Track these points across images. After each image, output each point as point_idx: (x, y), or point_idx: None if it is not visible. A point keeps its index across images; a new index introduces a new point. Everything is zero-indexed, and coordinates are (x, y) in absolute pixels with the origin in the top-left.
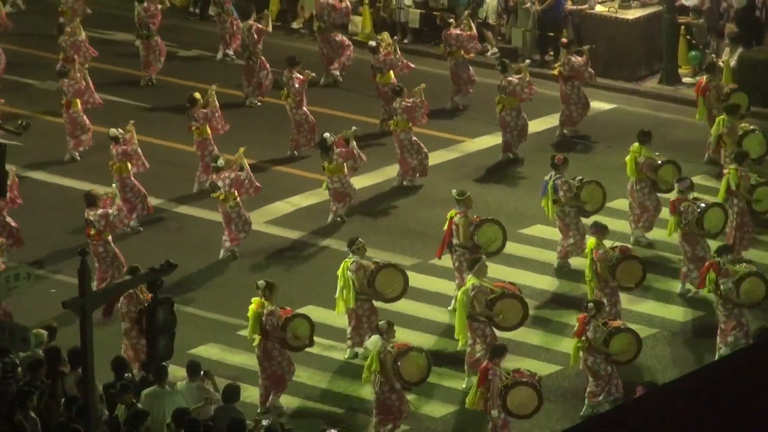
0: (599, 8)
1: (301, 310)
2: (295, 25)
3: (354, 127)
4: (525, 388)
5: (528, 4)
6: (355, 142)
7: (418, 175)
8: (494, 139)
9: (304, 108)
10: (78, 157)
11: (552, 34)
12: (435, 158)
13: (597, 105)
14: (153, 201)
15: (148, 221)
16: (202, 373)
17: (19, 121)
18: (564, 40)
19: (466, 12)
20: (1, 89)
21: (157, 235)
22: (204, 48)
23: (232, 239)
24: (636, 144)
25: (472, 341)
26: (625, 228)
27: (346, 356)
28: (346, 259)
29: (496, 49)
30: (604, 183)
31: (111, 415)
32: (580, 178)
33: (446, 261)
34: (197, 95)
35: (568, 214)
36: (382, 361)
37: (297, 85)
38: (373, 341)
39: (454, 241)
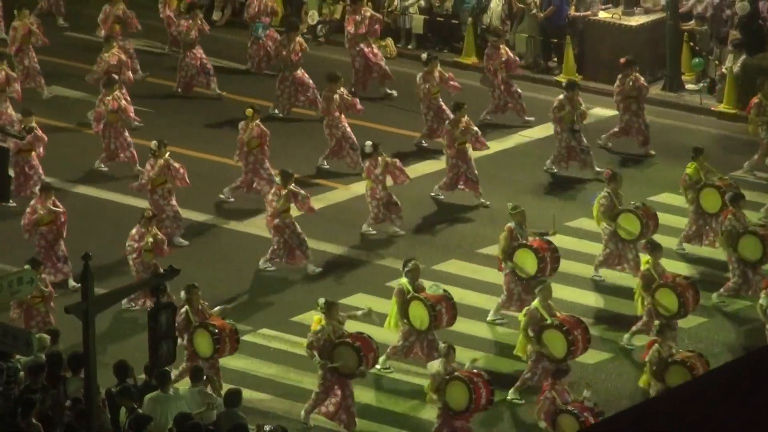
0: (603, 15)
1: (303, 315)
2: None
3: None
4: (570, 419)
5: (534, 10)
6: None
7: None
8: (496, 146)
9: (333, 128)
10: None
11: (555, 40)
12: (437, 164)
13: (600, 111)
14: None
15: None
16: (204, 378)
17: (22, 126)
18: (623, 60)
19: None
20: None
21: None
22: (207, 54)
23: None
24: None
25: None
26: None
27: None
28: (400, 279)
29: None
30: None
31: (113, 420)
32: (632, 203)
33: (447, 267)
34: (249, 111)
35: (604, 231)
36: (436, 387)
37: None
38: (433, 363)
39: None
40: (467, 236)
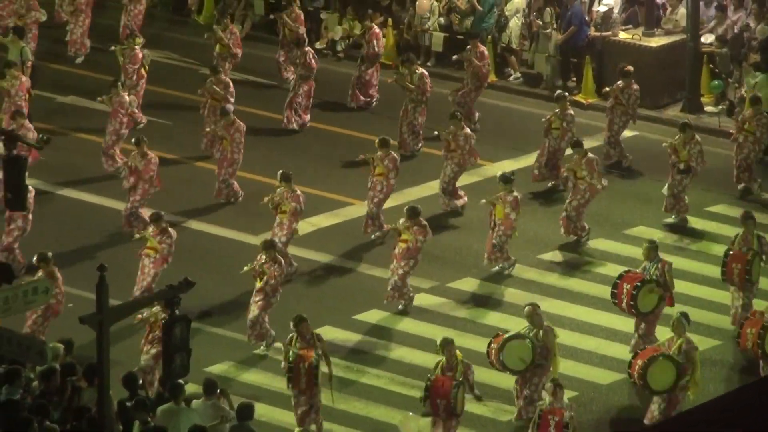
0: (623, 35)
1: (317, 331)
2: (318, 46)
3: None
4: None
5: (549, 30)
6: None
7: None
8: (514, 164)
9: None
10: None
11: (575, 60)
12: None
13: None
14: (171, 218)
15: None
16: (218, 391)
17: (40, 135)
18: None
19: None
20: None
21: (175, 252)
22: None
23: None
24: None
25: None
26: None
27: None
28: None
29: (518, 74)
30: (622, 210)
31: None
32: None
33: (462, 285)
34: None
35: None
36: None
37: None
38: (545, 399)
39: None
40: (482, 254)
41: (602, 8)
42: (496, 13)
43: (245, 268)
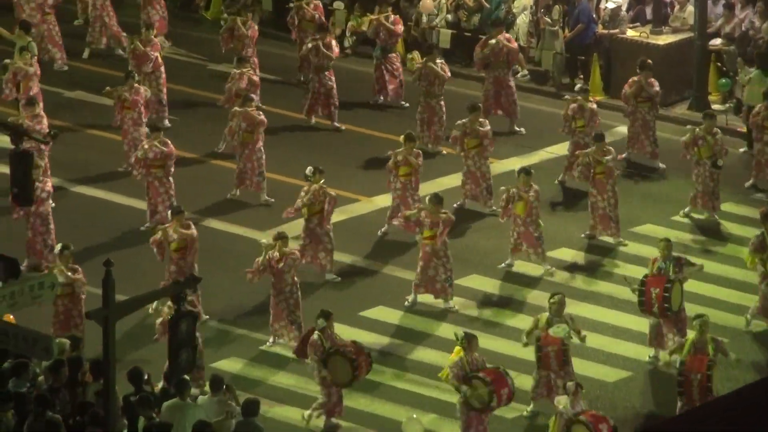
0: (630, 33)
1: None
2: None
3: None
4: (582, 429)
5: (556, 27)
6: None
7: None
8: (522, 161)
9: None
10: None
11: (582, 57)
12: (455, 179)
13: (625, 130)
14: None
15: None
16: (224, 387)
17: (48, 131)
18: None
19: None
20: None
21: None
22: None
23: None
24: None
25: None
26: (653, 253)
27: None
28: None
29: (526, 71)
30: (629, 208)
31: (131, 428)
32: None
33: (470, 282)
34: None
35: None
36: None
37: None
38: (560, 399)
39: None
40: (489, 251)
41: (610, 5)
42: (503, 9)
43: (263, 241)
